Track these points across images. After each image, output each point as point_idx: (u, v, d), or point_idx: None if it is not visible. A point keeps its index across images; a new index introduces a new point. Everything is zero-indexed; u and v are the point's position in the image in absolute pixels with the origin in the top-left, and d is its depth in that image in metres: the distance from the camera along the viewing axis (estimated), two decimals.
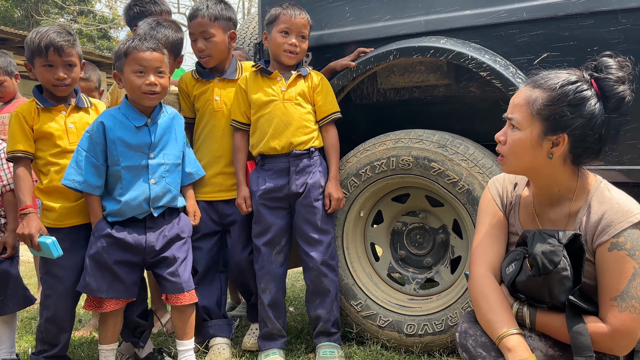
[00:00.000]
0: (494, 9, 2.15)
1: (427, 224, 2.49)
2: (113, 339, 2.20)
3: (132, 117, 2.13)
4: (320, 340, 2.35)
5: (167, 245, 2.16)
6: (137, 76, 2.07)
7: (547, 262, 1.35)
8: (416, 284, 2.48)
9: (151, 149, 2.14)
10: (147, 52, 2.07)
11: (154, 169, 2.13)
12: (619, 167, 1.99)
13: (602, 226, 1.40)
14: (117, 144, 2.09)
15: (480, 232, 1.62)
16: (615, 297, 1.36)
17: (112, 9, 18.50)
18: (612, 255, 1.38)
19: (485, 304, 1.48)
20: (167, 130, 2.20)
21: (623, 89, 1.40)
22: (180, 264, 2.17)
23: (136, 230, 2.12)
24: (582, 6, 1.99)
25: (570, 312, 1.39)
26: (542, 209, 1.56)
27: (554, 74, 1.46)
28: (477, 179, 2.18)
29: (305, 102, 2.40)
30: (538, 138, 1.44)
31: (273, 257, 2.38)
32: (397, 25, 2.35)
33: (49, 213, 2.16)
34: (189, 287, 2.19)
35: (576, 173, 1.49)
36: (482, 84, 2.44)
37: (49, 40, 2.08)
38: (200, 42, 2.43)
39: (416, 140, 2.30)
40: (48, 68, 2.11)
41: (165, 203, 2.16)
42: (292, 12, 2.35)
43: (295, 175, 2.35)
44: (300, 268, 2.51)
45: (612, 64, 1.42)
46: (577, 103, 1.40)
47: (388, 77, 2.52)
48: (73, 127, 2.18)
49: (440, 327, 2.26)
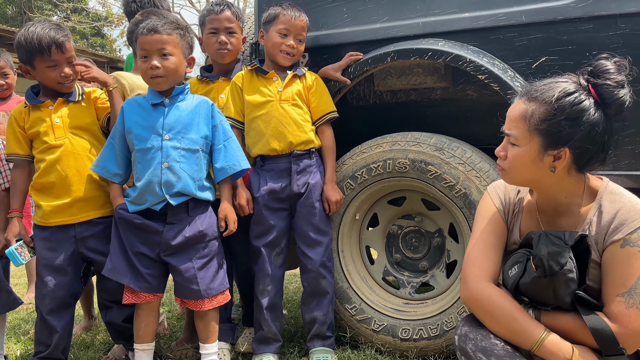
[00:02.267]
0: (492, 11, 2.13)
1: (422, 228, 2.47)
2: (146, 338, 2.12)
3: (151, 97, 2.10)
4: (315, 344, 2.33)
5: (184, 247, 2.05)
6: (142, 61, 2.04)
7: (553, 263, 1.33)
8: (411, 288, 2.46)
9: (165, 129, 2.04)
10: (148, 35, 2.02)
11: (167, 152, 2.02)
12: (616, 173, 1.98)
13: (616, 224, 1.38)
14: (133, 128, 2.05)
15: (480, 239, 1.57)
16: (623, 293, 1.34)
17: (105, 7, 18.40)
18: (623, 252, 1.35)
19: (504, 314, 1.43)
20: (190, 114, 2.10)
21: (623, 94, 1.35)
22: (200, 270, 2.06)
23: (154, 222, 2.04)
24: (581, 10, 1.98)
25: (582, 309, 1.37)
26: (548, 217, 1.53)
27: (549, 85, 1.41)
28: (474, 182, 2.16)
29: (302, 102, 2.38)
30: (538, 153, 1.41)
31: (273, 259, 2.35)
32: (394, 27, 2.33)
33: (37, 210, 2.15)
34: (209, 294, 2.08)
35: (583, 179, 1.47)
36: (480, 87, 2.43)
37: (50, 38, 2.03)
38: (223, 36, 2.40)
39: (413, 143, 2.29)
40: (52, 68, 2.08)
41: (182, 190, 2.02)
42: (292, 14, 2.33)
43: (297, 175, 2.33)
44: (293, 270, 2.48)
45: (610, 67, 1.37)
46: (576, 116, 1.36)
47: (385, 79, 2.50)
48: (60, 121, 2.13)
49: (435, 331, 2.24)
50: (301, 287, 2.48)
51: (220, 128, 2.16)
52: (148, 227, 2.03)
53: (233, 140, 2.18)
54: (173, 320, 3.09)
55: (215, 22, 2.41)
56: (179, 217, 2.06)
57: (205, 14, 2.45)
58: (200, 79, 2.51)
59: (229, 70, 2.50)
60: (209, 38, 2.42)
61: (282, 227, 2.36)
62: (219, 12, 2.40)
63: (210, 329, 2.14)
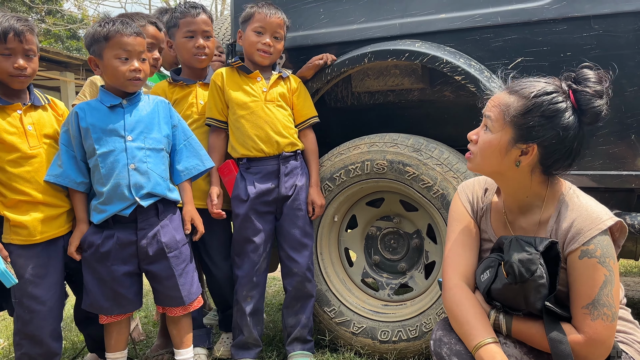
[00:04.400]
0: (468, 12, 2.14)
1: (401, 229, 2.46)
2: (118, 347, 2.08)
3: (106, 99, 2.01)
4: (295, 347, 2.30)
5: (161, 254, 2.00)
6: (120, 62, 1.96)
7: (523, 270, 1.33)
8: (390, 290, 2.45)
9: (127, 130, 1.98)
10: (131, 36, 1.96)
11: (132, 153, 1.96)
12: (590, 173, 2.00)
13: (572, 234, 1.39)
14: (91, 131, 1.96)
15: (451, 239, 1.59)
16: (587, 305, 1.35)
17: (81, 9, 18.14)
18: (582, 263, 1.37)
19: (459, 315, 1.45)
20: (150, 113, 2.05)
21: (600, 104, 1.37)
22: (181, 277, 2.03)
23: (126, 235, 1.96)
24: (556, 12, 2.00)
25: (548, 319, 1.37)
26: (513, 216, 1.54)
27: (532, 82, 1.44)
28: (451, 183, 2.17)
29: (286, 104, 2.36)
30: (507, 144, 1.42)
31: (260, 264, 2.32)
32: (371, 28, 2.33)
33: (20, 230, 1.92)
34: (190, 299, 2.06)
35: (546, 181, 1.48)
36: (457, 89, 2.44)
37: (9, 24, 1.88)
38: (202, 40, 2.36)
39: (391, 144, 2.28)
40: (6, 57, 1.89)
41: (152, 191, 1.97)
42: (268, 12, 2.30)
43: (285, 177, 2.30)
44: (271, 274, 2.45)
45: (591, 76, 1.39)
46: (551, 115, 1.38)
47: (362, 81, 2.49)
48: (32, 128, 1.96)
49: (414, 333, 2.23)
50: (281, 290, 2.45)
51: (179, 128, 2.15)
52: (121, 243, 1.96)
53: (193, 139, 2.18)
54: (149, 326, 3.03)
55: (193, 25, 2.36)
56: (149, 222, 2.00)
57: (179, 16, 2.38)
58: (172, 83, 2.43)
59: (203, 75, 2.46)
60: (186, 42, 2.36)
61: (268, 230, 2.33)
62: (196, 15, 2.36)
63: (184, 333, 2.12)
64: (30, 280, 1.92)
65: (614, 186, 1.98)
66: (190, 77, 2.45)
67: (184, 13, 2.37)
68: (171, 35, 2.44)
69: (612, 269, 1.35)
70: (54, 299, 1.97)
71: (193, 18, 2.36)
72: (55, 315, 1.99)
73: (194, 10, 2.36)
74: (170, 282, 2.02)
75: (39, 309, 1.94)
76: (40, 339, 1.95)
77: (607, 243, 1.37)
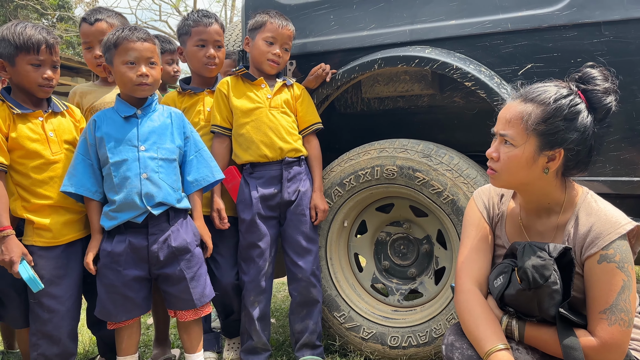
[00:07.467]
0: (478, 19, 2.15)
1: (411, 235, 2.46)
2: (129, 351, 2.09)
3: (122, 109, 2.04)
4: (304, 353, 2.31)
5: (172, 258, 2.01)
6: (128, 67, 1.98)
7: (537, 276, 1.33)
8: (400, 295, 2.45)
9: (140, 140, 2.00)
10: (138, 42, 1.98)
11: (145, 163, 1.98)
12: (602, 179, 1.99)
13: (591, 238, 1.39)
14: (105, 140, 1.99)
15: (466, 245, 1.59)
16: (605, 310, 1.35)
17: None
18: (601, 268, 1.36)
19: (471, 320, 1.45)
20: (163, 124, 2.07)
21: (610, 100, 1.40)
22: (192, 280, 2.04)
23: (138, 241, 1.98)
24: (566, 18, 2.00)
25: (561, 326, 1.37)
26: (530, 221, 1.54)
27: (544, 87, 1.44)
28: (461, 189, 2.17)
29: (290, 111, 2.37)
30: (534, 154, 1.42)
31: (265, 269, 2.32)
32: (381, 35, 2.34)
33: (43, 232, 1.97)
34: (202, 302, 2.07)
35: (564, 185, 1.48)
36: (466, 94, 2.44)
37: (42, 37, 1.95)
38: (213, 50, 2.38)
39: (401, 149, 2.29)
40: (35, 67, 1.95)
41: (163, 200, 1.99)
42: (280, 22, 2.31)
43: (288, 183, 2.31)
44: (280, 279, 2.46)
45: (597, 74, 1.42)
46: (572, 117, 1.39)
47: (372, 87, 2.50)
48: (53, 135, 2.01)
49: (424, 339, 2.23)
50: (289, 295, 2.45)
51: (192, 139, 2.16)
52: (133, 248, 1.98)
53: (205, 150, 2.19)
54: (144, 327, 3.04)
55: (205, 35, 2.36)
56: (160, 227, 2.01)
57: (192, 25, 2.38)
58: (181, 92, 2.45)
59: (211, 83, 2.47)
60: (197, 50, 2.37)
61: (273, 235, 2.34)
62: (209, 25, 2.36)
63: (195, 338, 2.13)
64: (50, 280, 1.96)
65: (625, 192, 1.97)
66: (199, 85, 2.46)
67: (196, 22, 2.38)
68: (182, 42, 2.45)
69: (630, 274, 1.35)
70: (72, 300, 2.02)
71: (205, 27, 2.36)
72: (73, 315, 2.04)
73: (206, 19, 2.37)
74: (182, 284, 2.03)
75: (59, 309, 1.98)
76: (59, 338, 1.99)
77: (626, 248, 1.37)
